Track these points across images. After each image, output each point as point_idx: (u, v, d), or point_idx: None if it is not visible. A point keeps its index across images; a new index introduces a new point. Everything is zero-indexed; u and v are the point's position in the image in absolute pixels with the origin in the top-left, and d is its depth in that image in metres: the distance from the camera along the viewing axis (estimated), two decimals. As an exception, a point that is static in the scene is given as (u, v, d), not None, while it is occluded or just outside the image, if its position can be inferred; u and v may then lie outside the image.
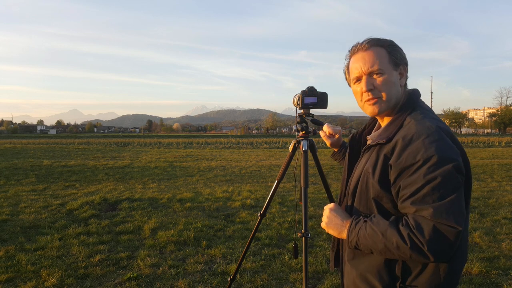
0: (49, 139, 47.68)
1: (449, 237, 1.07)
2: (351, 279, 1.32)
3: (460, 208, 1.09)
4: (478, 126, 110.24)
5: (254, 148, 26.13)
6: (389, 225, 1.15)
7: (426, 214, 1.09)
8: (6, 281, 3.54)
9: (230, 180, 10.18)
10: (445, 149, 1.11)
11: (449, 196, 1.08)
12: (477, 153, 19.42)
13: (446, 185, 1.08)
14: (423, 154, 1.11)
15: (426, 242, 1.08)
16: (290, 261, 4.00)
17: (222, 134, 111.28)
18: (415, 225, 1.10)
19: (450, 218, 1.06)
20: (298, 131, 2.30)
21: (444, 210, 1.07)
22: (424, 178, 1.10)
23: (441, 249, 1.08)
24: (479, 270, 3.72)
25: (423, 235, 1.08)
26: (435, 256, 1.09)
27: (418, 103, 1.30)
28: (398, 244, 1.12)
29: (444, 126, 1.19)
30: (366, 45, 1.29)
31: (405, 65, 1.32)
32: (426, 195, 1.10)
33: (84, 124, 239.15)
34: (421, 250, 1.09)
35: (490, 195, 7.69)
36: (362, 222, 1.23)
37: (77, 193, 8.09)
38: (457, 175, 1.10)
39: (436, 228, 1.07)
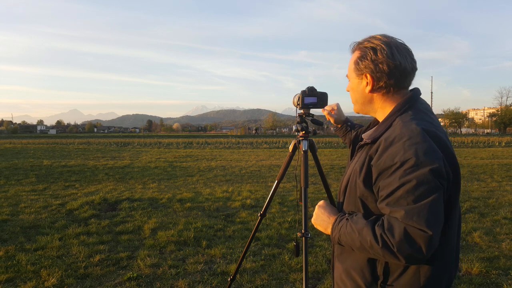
0: (49, 139, 47.68)
1: (418, 241, 1.07)
2: (338, 274, 1.36)
3: (435, 212, 1.08)
4: (478, 126, 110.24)
5: (254, 148, 26.12)
6: (366, 224, 1.17)
7: (399, 216, 1.09)
8: (6, 281, 3.54)
9: (230, 180, 10.18)
10: (424, 152, 1.09)
11: (423, 200, 1.08)
12: (477, 153, 19.41)
13: (420, 188, 1.08)
14: (401, 156, 1.11)
15: (395, 244, 1.09)
16: (290, 261, 4.00)
17: (222, 134, 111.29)
18: (387, 226, 1.11)
19: (421, 222, 1.06)
20: (298, 131, 2.30)
21: (415, 213, 1.07)
22: (400, 180, 1.10)
23: (411, 252, 1.08)
24: (479, 270, 3.72)
25: (394, 236, 1.09)
26: (405, 258, 1.10)
27: (415, 104, 1.27)
28: (372, 243, 1.13)
29: (431, 129, 1.16)
30: (352, 48, 1.34)
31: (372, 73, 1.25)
32: (400, 197, 1.10)
33: (84, 124, 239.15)
34: (392, 250, 1.10)
35: (490, 195, 7.69)
36: (344, 220, 1.25)
37: (77, 193, 8.09)
38: (434, 179, 1.08)
39: (406, 231, 1.07)
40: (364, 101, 1.34)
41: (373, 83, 1.27)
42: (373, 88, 1.28)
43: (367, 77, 1.28)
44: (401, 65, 1.23)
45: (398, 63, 1.22)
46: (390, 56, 1.22)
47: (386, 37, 1.26)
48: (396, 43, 1.25)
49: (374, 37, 1.27)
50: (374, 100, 1.32)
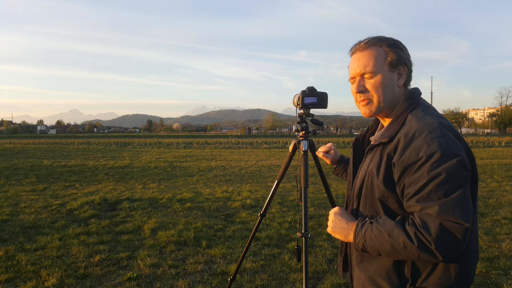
0: (49, 139, 47.67)
1: (457, 235, 1.04)
2: (360, 283, 1.30)
3: (467, 204, 1.06)
4: (478, 126, 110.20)
5: (254, 148, 26.12)
6: (395, 225, 1.13)
7: (432, 212, 1.06)
8: (6, 281, 3.54)
9: (230, 180, 10.18)
10: (448, 145, 1.09)
11: (455, 192, 1.06)
12: (477, 153, 19.42)
13: (451, 181, 1.06)
14: (426, 150, 1.09)
15: (433, 241, 1.05)
16: (290, 261, 4.00)
17: (222, 134, 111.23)
18: (421, 224, 1.08)
19: (457, 215, 1.04)
20: (298, 131, 2.30)
21: (450, 206, 1.05)
22: (428, 174, 1.08)
23: (449, 247, 1.05)
24: (479, 270, 3.72)
25: (430, 233, 1.06)
26: (444, 255, 1.06)
27: (419, 101, 1.29)
28: (405, 244, 1.09)
29: (446, 122, 1.17)
30: (364, 45, 1.29)
31: (405, 65, 1.29)
32: (431, 192, 1.07)
33: (84, 124, 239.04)
34: (428, 249, 1.06)
35: (490, 195, 7.68)
36: (368, 224, 1.20)
37: (77, 193, 8.08)
38: (462, 171, 1.08)
39: (442, 225, 1.05)
40: (393, 97, 1.29)
41: (407, 75, 1.31)
42: (406, 81, 1.31)
43: (401, 69, 1.29)
44: (411, 64, 1.31)
45: (410, 62, 1.31)
46: (408, 55, 1.31)
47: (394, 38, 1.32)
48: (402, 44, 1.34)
49: (386, 37, 1.31)
50: (400, 94, 1.31)
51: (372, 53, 1.27)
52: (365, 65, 1.27)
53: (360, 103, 1.32)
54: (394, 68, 1.27)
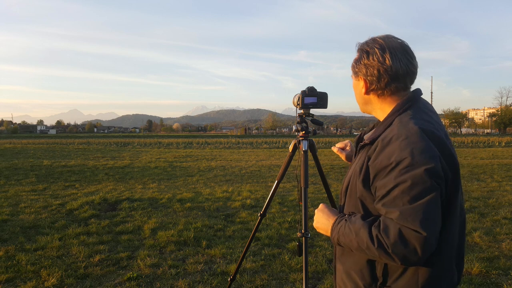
0: (49, 139, 47.68)
1: (414, 242, 1.06)
2: (339, 275, 1.36)
3: (430, 213, 1.07)
4: (478, 126, 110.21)
5: (254, 148, 26.13)
6: (363, 225, 1.17)
7: (394, 217, 1.09)
8: (6, 281, 3.54)
9: (230, 180, 10.18)
10: (420, 152, 1.09)
11: (418, 200, 1.07)
12: (477, 153, 19.42)
13: (415, 189, 1.07)
14: (397, 156, 1.11)
15: (390, 245, 1.08)
16: (290, 261, 4.00)
17: (222, 134, 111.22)
18: (383, 227, 1.11)
19: (416, 223, 1.06)
20: (298, 131, 2.31)
21: (410, 214, 1.07)
22: (395, 180, 1.10)
23: (405, 253, 1.07)
24: (479, 270, 3.72)
25: (389, 237, 1.08)
26: (400, 260, 1.09)
27: (415, 104, 1.27)
28: (368, 244, 1.13)
29: (429, 128, 1.15)
30: (356, 48, 1.34)
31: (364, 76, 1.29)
32: (396, 197, 1.10)
33: (84, 124, 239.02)
34: (387, 252, 1.09)
35: (490, 195, 7.69)
36: (343, 221, 1.25)
37: (77, 193, 8.09)
38: (430, 180, 1.08)
39: (401, 231, 1.07)
40: (363, 101, 1.37)
41: (366, 86, 1.30)
42: (367, 90, 1.30)
43: (361, 79, 1.31)
44: (392, 69, 1.23)
45: (389, 67, 1.23)
46: (381, 60, 1.23)
47: (386, 40, 1.26)
48: (394, 46, 1.25)
49: (375, 40, 1.28)
50: (371, 101, 1.34)
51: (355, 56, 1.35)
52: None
53: None
54: (356, 77, 1.34)
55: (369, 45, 1.27)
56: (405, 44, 1.28)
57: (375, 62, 1.24)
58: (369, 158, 1.22)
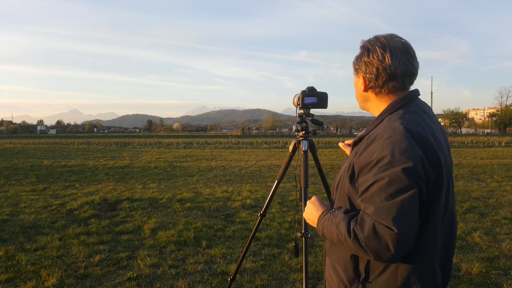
0: (49, 139, 47.68)
1: (386, 238, 1.08)
2: (327, 268, 1.39)
3: (405, 211, 1.08)
4: (478, 126, 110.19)
5: (254, 148, 26.13)
6: (343, 218, 1.20)
7: (369, 212, 1.12)
8: (6, 281, 3.54)
9: (230, 180, 10.18)
10: (400, 151, 1.11)
11: (394, 198, 1.09)
12: (477, 153, 19.42)
13: (392, 187, 1.09)
14: (378, 154, 1.13)
15: (364, 239, 1.11)
16: (290, 261, 4.00)
17: (222, 134, 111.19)
18: (359, 221, 1.14)
19: (389, 220, 1.07)
20: (298, 131, 2.31)
21: (385, 210, 1.09)
22: (374, 177, 1.12)
23: (377, 248, 1.10)
24: (479, 270, 3.72)
25: (363, 231, 1.11)
26: (373, 254, 1.12)
27: (408, 104, 1.27)
28: (345, 237, 1.16)
29: (414, 128, 1.16)
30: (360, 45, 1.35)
31: (364, 73, 1.30)
32: (374, 194, 1.12)
33: (84, 124, 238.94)
34: (361, 245, 1.12)
35: (490, 195, 7.69)
36: (329, 214, 1.29)
37: (77, 193, 8.09)
38: (407, 179, 1.09)
39: (374, 227, 1.09)
40: (361, 98, 1.38)
41: (365, 83, 1.31)
42: (366, 87, 1.32)
43: (361, 77, 1.33)
44: (391, 68, 1.24)
45: (388, 66, 1.24)
46: (380, 59, 1.24)
47: (388, 39, 1.27)
48: (395, 45, 1.25)
49: (377, 38, 1.29)
50: (369, 98, 1.35)
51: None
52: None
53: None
54: (356, 74, 1.36)
55: (371, 43, 1.28)
56: (408, 44, 1.29)
57: (375, 60, 1.26)
58: (355, 155, 1.25)
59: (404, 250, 1.11)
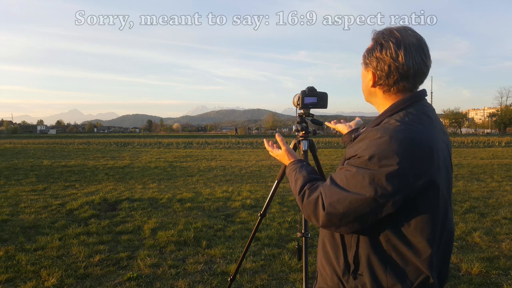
0: (49, 139, 47.66)
1: (318, 212, 1.18)
2: (319, 258, 1.38)
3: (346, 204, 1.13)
4: (478, 126, 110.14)
5: (254, 148, 26.12)
6: (304, 177, 1.33)
7: (326, 183, 1.21)
8: (6, 281, 3.54)
9: (230, 180, 10.18)
10: (379, 157, 1.08)
11: (346, 189, 1.14)
12: (477, 153, 19.41)
13: (352, 180, 1.13)
14: (361, 151, 1.14)
15: (305, 201, 1.23)
16: (290, 261, 4.00)
17: (222, 134, 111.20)
18: (314, 187, 1.25)
19: (326, 200, 1.16)
20: (298, 131, 2.30)
21: (330, 192, 1.16)
22: (347, 165, 1.18)
23: (309, 215, 1.22)
24: (479, 270, 3.72)
25: (309, 196, 1.23)
26: (306, 217, 1.26)
27: (410, 106, 1.22)
28: (296, 192, 1.30)
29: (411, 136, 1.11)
30: (371, 36, 1.27)
31: (374, 69, 1.23)
32: (338, 174, 1.19)
33: (84, 124, 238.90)
34: (302, 204, 1.25)
35: (490, 195, 7.69)
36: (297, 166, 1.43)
37: (77, 193, 8.09)
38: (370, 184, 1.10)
39: (317, 198, 1.19)
40: (368, 92, 1.33)
41: (374, 79, 1.24)
42: (374, 83, 1.25)
43: (370, 72, 1.25)
44: (404, 67, 1.17)
45: (401, 65, 1.17)
46: (394, 57, 1.17)
47: (403, 34, 1.19)
48: (410, 42, 1.18)
49: (391, 32, 1.21)
50: (376, 94, 1.29)
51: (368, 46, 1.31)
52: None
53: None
54: (366, 67, 1.29)
55: (384, 37, 1.20)
56: (423, 40, 1.21)
57: (388, 58, 1.18)
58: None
59: (330, 228, 1.20)
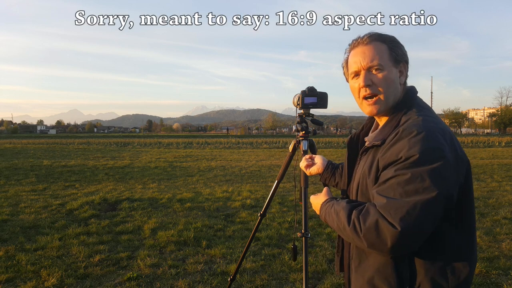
0: (49, 139, 47.64)
1: (386, 234, 1.04)
2: (358, 286, 1.28)
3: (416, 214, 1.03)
4: (478, 126, 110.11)
5: (254, 148, 26.12)
6: (344, 207, 1.18)
7: (380, 203, 1.08)
8: (6, 281, 3.54)
9: (230, 180, 10.18)
10: (430, 150, 1.07)
11: (410, 196, 1.05)
12: (477, 153, 19.41)
13: (412, 184, 1.05)
14: (406, 152, 1.08)
15: (364, 229, 1.08)
16: (290, 261, 4.00)
17: (222, 134, 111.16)
18: (364, 211, 1.11)
19: (396, 217, 1.03)
20: (298, 131, 2.30)
21: (394, 206, 1.05)
22: (395, 172, 1.08)
23: (374, 242, 1.07)
24: (479, 270, 3.72)
25: (365, 222, 1.09)
26: (369, 246, 1.09)
27: (415, 101, 1.26)
28: (344, 224, 1.14)
29: (439, 126, 1.14)
30: (367, 39, 1.26)
31: (406, 63, 1.29)
32: (390, 187, 1.08)
33: (84, 124, 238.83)
34: (358, 235, 1.10)
35: (490, 195, 7.69)
36: (333, 201, 1.28)
37: (77, 193, 8.09)
38: (431, 180, 1.05)
39: (377, 221, 1.06)
40: (396, 94, 1.27)
41: (406, 73, 1.30)
42: (406, 77, 1.31)
43: (402, 67, 1.28)
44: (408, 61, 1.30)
45: (408, 59, 1.30)
46: (405, 51, 1.30)
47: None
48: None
49: (386, 34, 1.29)
50: (401, 93, 1.29)
51: (377, 47, 1.24)
52: (372, 59, 1.23)
53: (365, 100, 1.27)
54: (396, 64, 1.26)
55: (391, 37, 1.28)
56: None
57: (406, 52, 1.30)
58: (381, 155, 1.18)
59: (402, 250, 1.07)
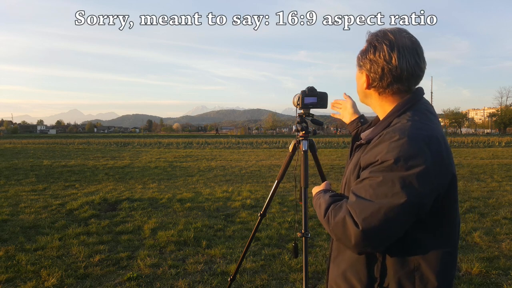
0: (49, 139, 47.65)
1: (350, 232, 1.09)
2: (333, 277, 1.35)
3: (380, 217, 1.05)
4: (478, 126, 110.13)
5: (254, 148, 26.12)
6: (326, 200, 1.25)
7: (349, 201, 1.13)
8: (6, 281, 3.54)
9: (230, 180, 10.18)
10: (405, 157, 1.06)
11: (378, 199, 1.07)
12: (477, 153, 19.41)
13: (382, 188, 1.07)
14: (383, 155, 1.09)
15: (332, 224, 1.15)
16: (290, 261, 4.00)
17: (222, 134, 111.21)
18: (338, 207, 1.17)
19: (359, 217, 1.07)
20: (298, 131, 2.31)
21: (361, 206, 1.08)
22: (370, 173, 1.11)
23: (341, 237, 1.13)
24: (479, 270, 3.72)
25: (335, 217, 1.15)
26: (337, 240, 1.17)
27: (414, 105, 1.22)
28: (321, 216, 1.22)
29: (427, 133, 1.11)
30: (366, 37, 1.27)
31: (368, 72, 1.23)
32: (362, 187, 1.12)
33: (84, 124, 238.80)
34: (329, 228, 1.17)
35: (490, 195, 7.69)
36: (322, 194, 1.34)
37: (77, 193, 8.09)
38: (401, 187, 1.06)
39: (346, 217, 1.10)
40: (363, 94, 1.32)
41: (368, 82, 1.25)
42: (368, 85, 1.26)
43: (364, 74, 1.26)
44: (397, 69, 1.17)
45: (394, 67, 1.17)
46: (387, 59, 1.17)
47: (396, 36, 1.19)
48: (404, 44, 1.18)
49: (385, 34, 1.20)
50: (371, 96, 1.29)
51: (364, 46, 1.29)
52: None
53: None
54: (360, 69, 1.29)
55: (378, 40, 1.20)
56: (417, 43, 1.21)
57: (381, 60, 1.18)
58: (361, 154, 1.22)
59: (364, 248, 1.11)
